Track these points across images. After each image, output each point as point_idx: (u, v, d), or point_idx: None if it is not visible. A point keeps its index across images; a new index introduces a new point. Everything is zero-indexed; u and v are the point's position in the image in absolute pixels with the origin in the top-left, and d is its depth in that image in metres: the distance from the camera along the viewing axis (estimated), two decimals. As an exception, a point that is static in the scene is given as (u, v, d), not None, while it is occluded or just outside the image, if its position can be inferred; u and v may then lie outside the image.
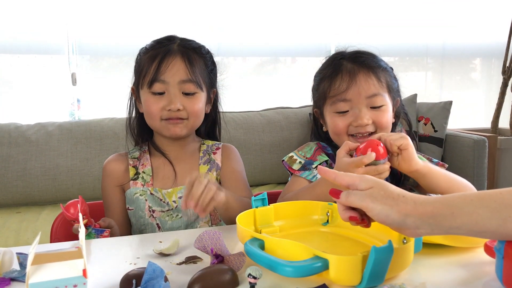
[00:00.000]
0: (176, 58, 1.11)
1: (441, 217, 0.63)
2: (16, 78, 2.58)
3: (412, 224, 0.64)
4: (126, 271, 0.69)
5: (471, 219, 0.62)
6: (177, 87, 1.11)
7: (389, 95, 1.13)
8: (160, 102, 1.10)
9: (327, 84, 1.13)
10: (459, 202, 0.63)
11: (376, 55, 1.17)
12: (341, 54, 1.17)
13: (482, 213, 0.61)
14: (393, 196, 0.65)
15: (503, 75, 3.10)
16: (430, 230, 0.64)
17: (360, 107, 1.09)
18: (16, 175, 2.17)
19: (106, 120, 2.40)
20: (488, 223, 0.61)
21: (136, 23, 2.63)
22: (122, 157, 1.22)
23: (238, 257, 0.72)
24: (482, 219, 0.61)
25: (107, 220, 1.04)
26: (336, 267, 0.66)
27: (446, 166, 1.14)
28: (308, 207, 0.96)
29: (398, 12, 3.15)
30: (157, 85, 1.10)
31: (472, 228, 0.62)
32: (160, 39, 1.17)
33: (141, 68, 1.14)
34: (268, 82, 3.01)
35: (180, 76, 1.10)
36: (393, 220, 0.64)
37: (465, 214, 0.62)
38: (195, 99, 1.13)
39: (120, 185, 1.19)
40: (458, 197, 0.64)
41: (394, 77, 1.17)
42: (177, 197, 1.16)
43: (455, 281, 0.71)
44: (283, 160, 1.20)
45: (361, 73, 1.10)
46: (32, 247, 0.55)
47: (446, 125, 2.73)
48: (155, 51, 1.12)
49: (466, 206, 0.62)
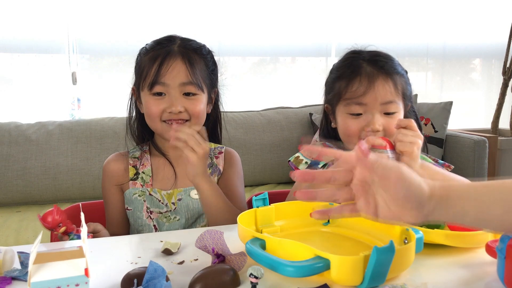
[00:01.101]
0: (177, 60, 1.09)
1: (449, 200, 0.63)
2: (16, 77, 2.58)
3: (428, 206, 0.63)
4: (127, 271, 0.69)
5: (476, 205, 0.62)
6: (178, 89, 1.09)
7: (402, 102, 1.13)
8: (160, 104, 1.09)
9: (344, 84, 1.12)
10: (466, 188, 0.64)
11: (393, 59, 1.15)
12: (360, 54, 1.15)
13: (486, 199, 0.62)
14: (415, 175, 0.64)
15: (503, 76, 3.10)
16: (437, 215, 0.63)
17: (374, 112, 1.09)
18: (16, 174, 2.17)
19: (106, 119, 2.40)
20: (493, 210, 0.62)
21: (136, 22, 2.63)
22: (123, 156, 1.22)
23: (240, 256, 0.72)
24: (487, 206, 0.62)
25: (92, 225, 1.03)
26: (337, 267, 0.66)
27: (452, 167, 1.13)
28: (309, 207, 0.96)
29: (398, 12, 3.15)
30: (158, 88, 1.09)
31: (476, 215, 0.62)
32: (160, 40, 1.15)
33: (141, 69, 1.13)
34: (268, 82, 3.01)
35: (180, 79, 1.09)
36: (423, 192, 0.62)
37: (471, 199, 0.63)
38: (196, 101, 1.11)
39: (119, 185, 1.19)
40: (465, 184, 0.66)
41: (409, 83, 1.16)
42: (176, 199, 1.15)
43: (456, 282, 0.71)
44: (289, 161, 1.19)
45: (380, 79, 1.09)
46: (34, 246, 0.55)
47: (446, 126, 2.73)
48: (155, 53, 1.11)
49: (472, 191, 0.64)
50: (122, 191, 1.19)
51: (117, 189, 1.19)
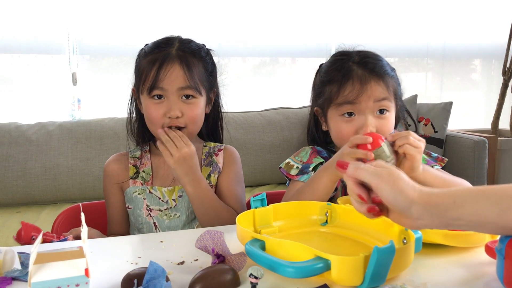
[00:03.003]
0: (175, 65, 1.10)
1: (443, 207, 0.63)
2: (16, 78, 2.58)
3: (415, 213, 0.64)
4: (128, 271, 0.69)
5: (472, 209, 0.63)
6: (176, 94, 1.10)
7: (394, 102, 1.13)
8: (160, 109, 1.10)
9: (335, 88, 1.11)
10: (461, 194, 0.64)
11: (382, 59, 1.16)
12: (349, 56, 1.15)
13: (482, 203, 0.62)
14: (403, 180, 0.66)
15: (503, 76, 3.10)
16: (431, 221, 0.64)
17: (367, 113, 1.09)
18: (17, 175, 2.17)
19: (107, 120, 2.40)
20: (488, 213, 0.62)
21: (136, 23, 2.63)
22: (123, 156, 1.23)
23: (240, 257, 0.72)
24: (483, 210, 0.62)
25: (75, 231, 1.03)
26: (338, 267, 0.66)
27: (446, 160, 1.14)
28: (307, 208, 0.96)
29: (398, 12, 3.15)
30: (156, 92, 1.10)
31: (472, 218, 0.63)
32: (159, 42, 1.16)
33: (140, 72, 1.14)
34: (268, 82, 3.01)
35: (178, 83, 1.10)
36: (399, 205, 0.65)
37: (467, 204, 0.63)
38: (193, 105, 1.12)
39: (119, 184, 1.19)
40: (461, 189, 0.65)
41: (398, 82, 1.17)
42: (177, 196, 1.16)
43: (456, 282, 0.71)
44: (280, 167, 1.20)
45: (372, 82, 1.09)
46: (34, 246, 0.55)
47: (446, 126, 2.74)
48: (154, 56, 1.11)
49: (468, 196, 0.63)
50: (123, 191, 1.19)
51: (117, 189, 1.20)
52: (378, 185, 0.66)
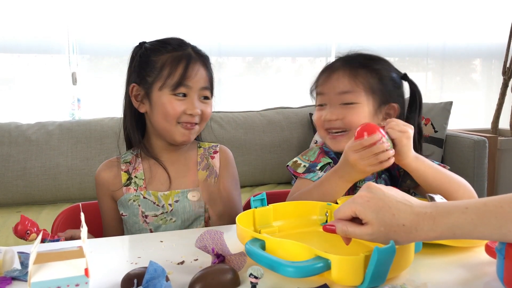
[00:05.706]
0: (199, 65, 1.14)
1: (443, 237, 0.65)
2: (16, 78, 2.58)
3: None
4: (127, 271, 0.69)
5: (472, 237, 0.63)
6: (197, 93, 1.13)
7: (369, 95, 1.12)
8: (182, 105, 1.12)
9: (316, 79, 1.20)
10: (460, 223, 0.63)
11: (379, 60, 1.16)
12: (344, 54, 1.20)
13: (483, 230, 0.62)
14: None
15: (503, 76, 3.10)
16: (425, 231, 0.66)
17: (332, 103, 1.13)
18: (16, 175, 2.17)
19: (106, 119, 2.40)
20: (489, 238, 0.64)
21: (136, 23, 2.63)
22: (113, 163, 1.21)
23: (240, 256, 0.72)
24: (484, 236, 0.63)
25: (69, 232, 1.04)
26: (338, 267, 0.66)
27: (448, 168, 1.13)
28: (307, 208, 0.96)
29: (398, 12, 3.15)
30: (182, 89, 1.11)
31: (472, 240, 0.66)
32: (168, 41, 1.16)
33: (158, 68, 1.12)
34: (268, 82, 3.01)
35: (201, 83, 1.13)
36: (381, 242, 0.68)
37: (466, 233, 0.63)
38: (208, 105, 1.16)
39: (112, 192, 1.18)
40: (458, 217, 0.63)
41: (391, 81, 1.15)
42: (173, 201, 1.15)
43: (456, 282, 0.71)
44: (288, 166, 1.20)
45: (339, 71, 1.14)
46: (34, 246, 0.55)
47: (446, 126, 2.73)
48: (176, 54, 1.12)
49: (467, 225, 0.63)
50: (115, 199, 1.19)
51: (110, 198, 1.20)
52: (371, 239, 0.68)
